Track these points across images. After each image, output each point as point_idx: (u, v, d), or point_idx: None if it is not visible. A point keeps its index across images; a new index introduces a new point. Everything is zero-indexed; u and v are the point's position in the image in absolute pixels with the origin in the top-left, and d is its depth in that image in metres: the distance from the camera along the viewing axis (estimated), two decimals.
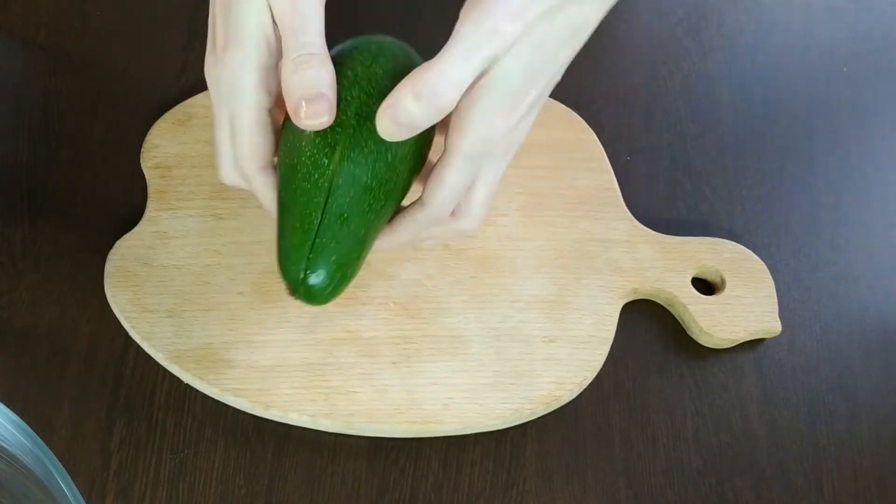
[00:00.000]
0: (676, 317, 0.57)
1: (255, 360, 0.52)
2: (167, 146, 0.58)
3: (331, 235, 0.43)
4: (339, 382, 0.52)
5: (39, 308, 0.53)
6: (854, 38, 0.70)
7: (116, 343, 0.53)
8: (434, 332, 0.54)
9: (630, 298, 0.57)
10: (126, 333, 0.52)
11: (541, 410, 0.53)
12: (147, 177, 0.57)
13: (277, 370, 0.51)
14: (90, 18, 0.63)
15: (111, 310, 0.53)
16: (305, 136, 0.43)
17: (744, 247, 0.59)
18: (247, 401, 0.51)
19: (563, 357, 0.54)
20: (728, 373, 0.56)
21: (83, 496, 0.36)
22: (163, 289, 0.53)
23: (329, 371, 0.52)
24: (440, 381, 0.52)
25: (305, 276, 0.43)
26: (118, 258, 0.54)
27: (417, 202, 0.46)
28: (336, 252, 0.43)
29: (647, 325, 0.57)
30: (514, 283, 0.56)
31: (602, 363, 0.54)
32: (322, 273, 0.43)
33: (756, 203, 0.62)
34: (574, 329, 0.55)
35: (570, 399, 0.54)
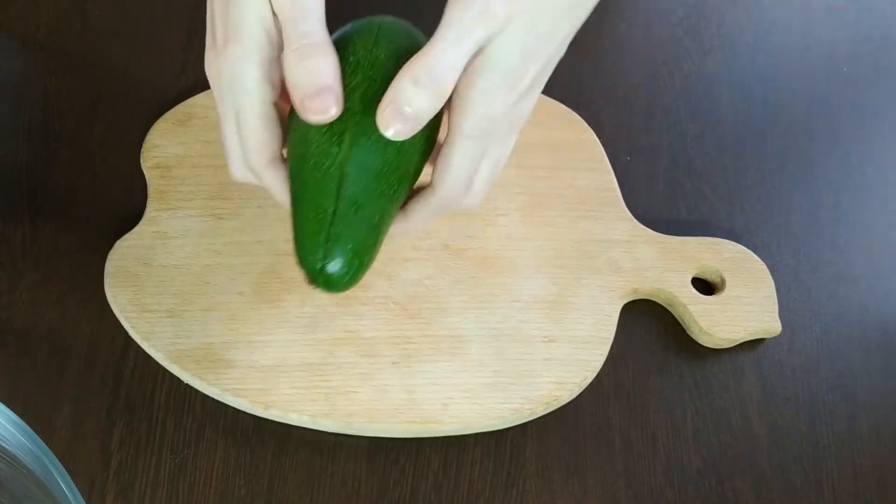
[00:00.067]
0: (676, 317, 0.57)
1: (255, 360, 0.52)
2: (167, 146, 0.58)
3: (346, 223, 0.43)
4: (339, 382, 0.52)
5: (39, 308, 0.53)
6: (854, 38, 0.70)
7: (116, 343, 0.53)
8: (434, 332, 0.54)
9: (630, 298, 0.57)
10: (126, 333, 0.52)
11: (541, 410, 0.53)
12: (147, 177, 0.57)
13: (277, 370, 0.51)
14: (90, 18, 0.63)
15: (111, 310, 0.53)
16: (312, 126, 0.42)
17: (744, 247, 0.59)
18: (247, 401, 0.51)
19: (563, 357, 0.54)
20: (728, 373, 0.56)
21: (83, 496, 0.36)
22: (163, 289, 0.53)
23: (329, 371, 0.52)
24: (440, 381, 0.52)
25: (323, 266, 0.43)
26: (118, 258, 0.54)
27: (428, 187, 0.45)
28: (352, 239, 0.43)
29: (647, 325, 0.57)
30: (514, 283, 0.56)
31: (602, 363, 0.54)
32: (339, 261, 0.43)
33: (756, 203, 0.62)
34: (574, 329, 0.55)
35: (570, 399, 0.54)
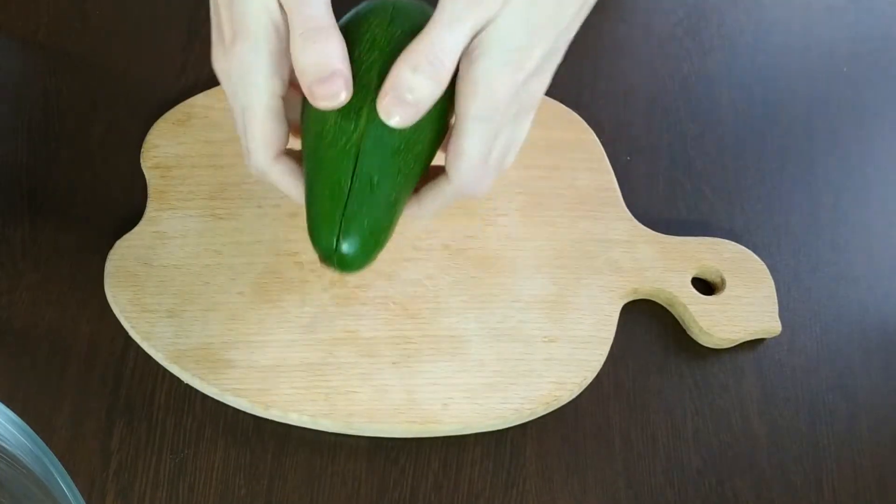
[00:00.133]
0: (676, 317, 0.57)
1: (255, 360, 0.52)
2: (167, 146, 0.58)
3: (361, 201, 0.42)
4: (339, 382, 0.52)
5: (39, 308, 0.53)
6: (854, 38, 0.70)
7: (116, 343, 0.53)
8: (434, 332, 0.54)
9: (630, 298, 0.57)
10: (126, 333, 0.52)
11: (541, 410, 0.53)
12: (147, 177, 0.57)
13: (277, 370, 0.51)
14: (90, 18, 0.63)
15: (111, 310, 0.53)
16: None
17: (744, 247, 0.59)
18: (247, 401, 0.51)
19: (563, 357, 0.54)
20: (728, 373, 0.56)
21: (83, 496, 0.36)
22: (163, 289, 0.53)
23: (329, 371, 0.52)
24: (440, 381, 0.52)
25: (338, 245, 0.42)
26: (118, 258, 0.54)
27: (442, 175, 0.45)
28: (368, 217, 0.42)
29: (647, 325, 0.57)
30: (514, 283, 0.56)
31: (602, 363, 0.54)
32: (355, 240, 0.43)
33: (756, 203, 0.62)
34: (574, 329, 0.55)
35: (570, 399, 0.54)
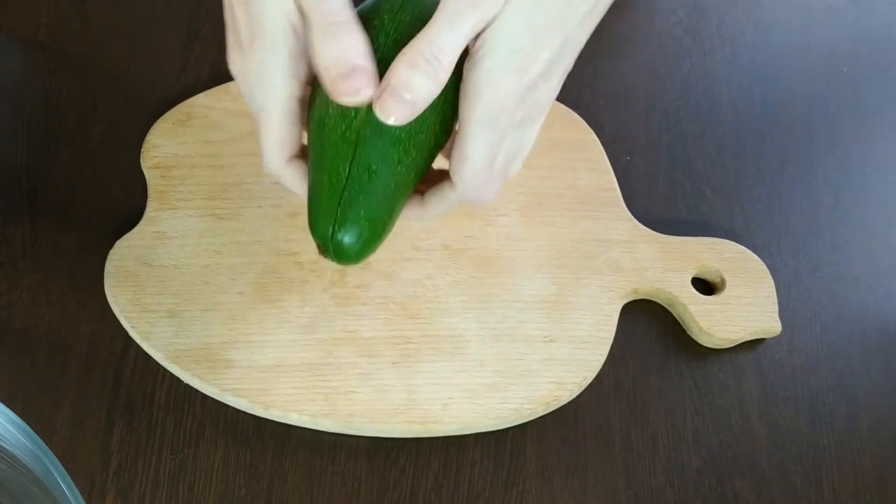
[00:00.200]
0: (676, 317, 0.57)
1: (255, 360, 0.52)
2: (167, 146, 0.58)
3: (359, 188, 0.41)
4: (339, 382, 0.52)
5: (39, 308, 0.53)
6: (854, 38, 0.70)
7: (116, 343, 0.53)
8: (434, 332, 0.54)
9: (630, 298, 0.57)
10: (126, 333, 0.52)
11: (541, 410, 0.53)
12: (147, 177, 0.57)
13: (277, 370, 0.51)
14: (90, 18, 0.63)
15: (111, 310, 0.53)
16: None
17: (744, 247, 0.59)
18: (247, 401, 0.51)
19: (563, 357, 0.54)
20: (728, 373, 0.56)
21: (83, 496, 0.36)
22: (163, 289, 0.53)
23: (329, 371, 0.52)
24: (440, 381, 0.52)
25: (334, 233, 0.42)
26: (118, 258, 0.54)
27: (446, 180, 0.44)
28: (364, 206, 0.42)
29: (647, 325, 0.57)
30: (514, 283, 0.56)
31: (602, 363, 0.54)
32: (351, 229, 0.42)
33: (756, 203, 0.62)
34: (574, 329, 0.55)
35: (570, 399, 0.54)
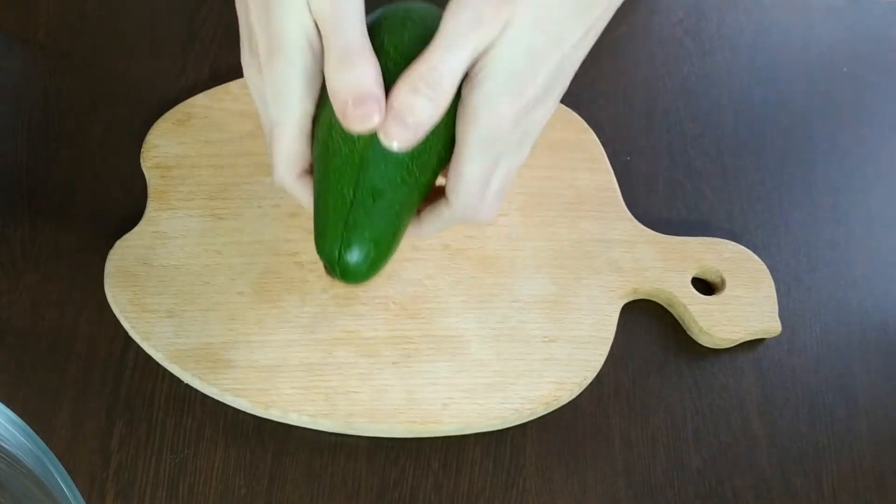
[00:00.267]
0: (676, 317, 0.57)
1: (255, 360, 0.52)
2: (167, 146, 0.58)
3: (364, 211, 0.42)
4: (339, 382, 0.52)
5: (39, 308, 0.53)
6: (854, 38, 0.70)
7: (116, 343, 0.53)
8: (434, 332, 0.54)
9: (630, 298, 0.57)
10: (126, 333, 0.52)
11: (541, 410, 0.53)
12: (147, 177, 0.57)
13: (277, 370, 0.51)
14: (90, 18, 0.63)
15: (111, 310, 0.53)
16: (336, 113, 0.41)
17: (744, 247, 0.59)
18: (247, 401, 0.51)
19: (563, 357, 0.54)
20: (728, 373, 0.56)
21: (83, 496, 0.36)
22: (163, 289, 0.53)
23: (329, 371, 0.52)
24: (440, 381, 0.52)
25: (341, 254, 0.43)
26: (118, 258, 0.54)
27: (442, 199, 0.45)
28: (370, 228, 0.43)
29: (647, 325, 0.57)
30: (514, 283, 0.56)
31: (602, 363, 0.54)
32: (357, 250, 0.43)
33: (756, 203, 0.62)
34: (574, 329, 0.55)
35: (570, 399, 0.54)
